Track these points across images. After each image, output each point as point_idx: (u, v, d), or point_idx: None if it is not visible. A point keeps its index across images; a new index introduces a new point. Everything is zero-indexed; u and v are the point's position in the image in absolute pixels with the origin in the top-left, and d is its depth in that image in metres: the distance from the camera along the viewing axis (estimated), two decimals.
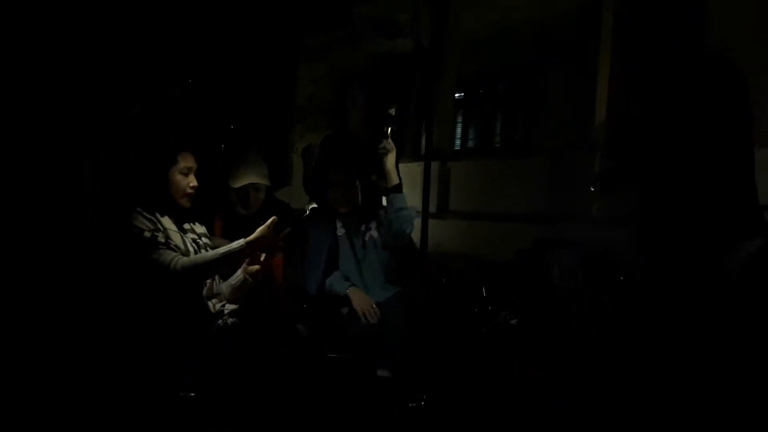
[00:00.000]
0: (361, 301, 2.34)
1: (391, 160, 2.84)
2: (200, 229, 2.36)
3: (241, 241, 2.07)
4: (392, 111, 3.09)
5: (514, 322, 2.56)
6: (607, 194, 3.88)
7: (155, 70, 3.13)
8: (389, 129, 2.98)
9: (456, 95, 6.21)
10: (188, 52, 3.46)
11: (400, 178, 2.88)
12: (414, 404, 2.16)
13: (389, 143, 2.84)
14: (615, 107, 4.10)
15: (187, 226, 2.30)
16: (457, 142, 6.48)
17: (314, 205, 3.03)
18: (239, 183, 2.62)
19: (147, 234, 2.07)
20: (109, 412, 1.99)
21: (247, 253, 2.09)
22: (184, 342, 1.97)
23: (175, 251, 2.10)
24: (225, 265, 2.16)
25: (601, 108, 4.22)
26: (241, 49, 4.07)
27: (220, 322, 2.14)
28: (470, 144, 6.64)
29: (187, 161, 2.24)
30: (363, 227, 2.71)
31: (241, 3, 4.03)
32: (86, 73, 2.89)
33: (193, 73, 3.13)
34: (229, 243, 2.32)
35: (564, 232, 3.87)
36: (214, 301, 2.25)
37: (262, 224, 2.06)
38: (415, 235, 2.96)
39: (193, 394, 1.90)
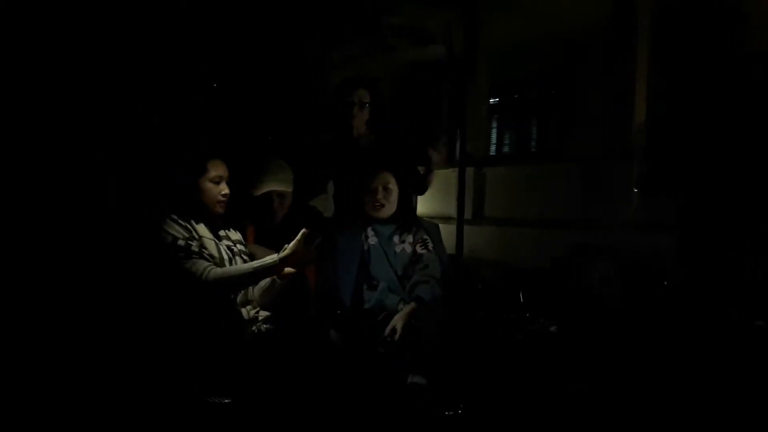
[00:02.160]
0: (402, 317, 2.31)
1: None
2: (235, 235, 2.34)
3: (275, 257, 2.06)
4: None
5: (553, 329, 2.49)
6: (646, 199, 3.82)
7: (178, 77, 3.10)
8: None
9: (491, 101, 6.18)
10: (214, 61, 3.43)
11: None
12: (450, 413, 2.13)
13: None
14: (654, 111, 4.03)
15: (222, 233, 2.28)
16: (493, 147, 6.43)
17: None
18: (260, 191, 2.55)
19: (181, 242, 2.05)
20: (138, 418, 2.00)
21: (281, 268, 2.10)
22: (216, 348, 1.97)
23: (209, 260, 2.09)
24: (257, 279, 2.14)
25: (640, 112, 4.15)
26: (273, 61, 4.07)
27: (254, 328, 2.13)
28: (506, 149, 6.58)
29: (217, 170, 2.21)
30: (396, 238, 2.59)
31: (271, 16, 4.05)
32: (110, 83, 2.87)
33: (220, 80, 3.10)
34: (263, 250, 2.33)
35: (600, 238, 3.81)
36: (248, 307, 2.23)
37: (293, 238, 2.05)
38: (450, 242, 2.92)
39: (227, 401, 1.90)
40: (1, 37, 2.65)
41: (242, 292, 2.21)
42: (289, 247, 2.05)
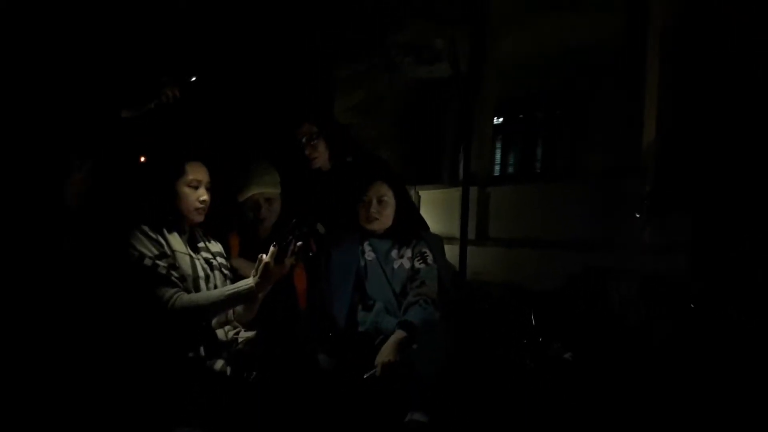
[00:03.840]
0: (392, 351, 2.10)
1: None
2: (216, 247, 2.15)
3: (250, 282, 1.87)
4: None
5: (568, 356, 2.30)
6: (656, 218, 3.69)
7: (152, 64, 2.68)
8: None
9: (495, 120, 6.10)
10: (202, 53, 3.14)
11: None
12: None
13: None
14: (665, 129, 3.92)
15: (201, 244, 2.09)
16: (497, 167, 6.34)
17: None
18: (245, 195, 2.37)
19: (147, 262, 1.84)
20: None
21: (256, 294, 1.88)
22: (187, 375, 1.80)
23: (177, 284, 1.88)
24: (229, 306, 1.95)
25: (650, 130, 4.04)
26: (276, 80, 3.94)
27: (232, 351, 1.92)
28: (510, 170, 6.48)
29: (196, 173, 2.01)
30: (395, 253, 2.40)
31: (274, 34, 3.94)
32: (72, 67, 2.49)
33: (202, 74, 2.79)
34: (248, 264, 2.16)
35: (609, 259, 3.67)
36: (227, 328, 2.03)
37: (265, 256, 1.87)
38: (453, 263, 2.78)
39: None
40: None
41: None
42: (259, 271, 1.85)
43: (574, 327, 2.58)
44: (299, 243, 1.87)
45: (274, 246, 1.85)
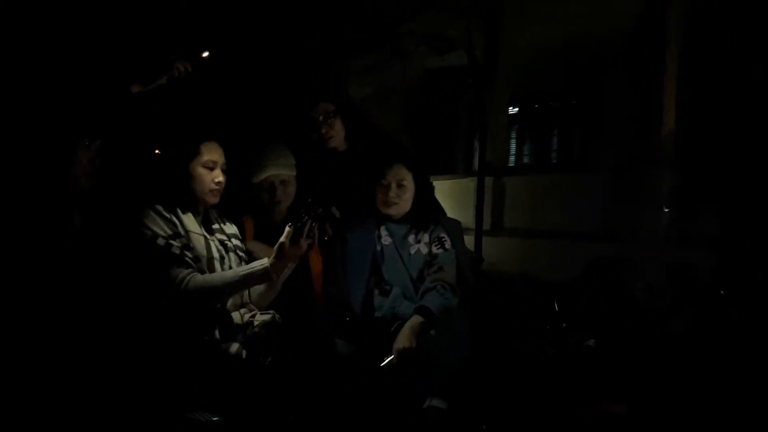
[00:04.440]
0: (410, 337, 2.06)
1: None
2: (230, 229, 2.11)
3: (265, 262, 1.84)
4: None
5: (590, 343, 2.25)
6: (678, 211, 3.63)
7: (163, 40, 2.63)
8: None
9: (510, 110, 6.05)
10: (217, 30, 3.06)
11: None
12: None
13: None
14: (685, 120, 3.86)
15: (215, 225, 2.04)
16: (512, 158, 6.29)
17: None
18: (260, 177, 2.33)
19: (160, 242, 1.80)
20: None
21: (271, 275, 1.85)
22: (202, 359, 1.74)
23: (191, 264, 1.85)
24: (244, 287, 1.92)
25: (669, 121, 3.97)
26: (292, 61, 3.89)
27: (248, 334, 1.88)
28: (525, 161, 6.43)
29: (212, 153, 1.96)
30: (411, 238, 2.37)
31: (290, 15, 3.89)
32: (83, 41, 2.44)
33: (217, 50, 2.71)
34: (262, 247, 2.14)
35: (624, 250, 3.62)
36: (242, 311, 1.99)
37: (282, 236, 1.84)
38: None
39: (216, 419, 1.70)
40: None
41: None
42: (275, 251, 1.82)
43: (594, 315, 2.53)
44: (314, 224, 1.84)
45: (289, 226, 1.83)
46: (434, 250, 2.34)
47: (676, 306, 2.55)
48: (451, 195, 5.83)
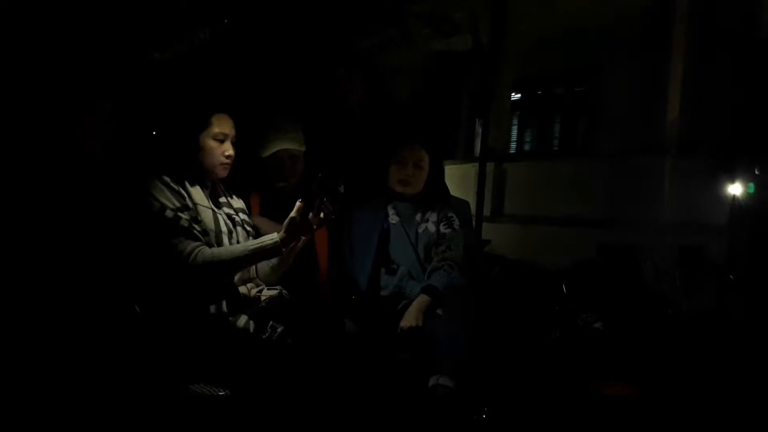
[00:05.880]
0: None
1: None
2: (238, 203, 2.08)
3: (275, 236, 1.82)
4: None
5: (598, 325, 2.24)
6: (684, 197, 3.62)
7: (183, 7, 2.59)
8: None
9: (513, 96, 6.01)
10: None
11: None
12: (477, 417, 1.91)
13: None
14: (692, 103, 3.83)
15: (223, 199, 2.01)
16: (513, 144, 6.25)
17: None
18: (269, 151, 2.28)
19: (169, 213, 1.77)
20: (115, 412, 1.68)
21: (281, 249, 1.84)
22: (209, 332, 1.72)
23: (199, 237, 1.82)
24: (253, 262, 1.90)
25: (675, 105, 3.94)
26: (294, 54, 3.84)
27: (255, 308, 1.86)
28: (527, 147, 6.39)
29: (222, 126, 1.91)
30: (419, 216, 2.34)
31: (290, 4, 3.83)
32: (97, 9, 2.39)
33: (234, 20, 2.67)
34: (269, 222, 2.11)
35: (626, 237, 3.61)
36: (249, 285, 1.97)
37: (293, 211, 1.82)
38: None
39: (222, 393, 1.68)
40: None
41: None
42: (285, 225, 1.81)
43: (603, 298, 2.52)
44: (325, 199, 1.82)
45: (300, 202, 1.81)
46: (442, 229, 2.32)
47: (684, 290, 2.55)
48: (451, 180, 5.76)
